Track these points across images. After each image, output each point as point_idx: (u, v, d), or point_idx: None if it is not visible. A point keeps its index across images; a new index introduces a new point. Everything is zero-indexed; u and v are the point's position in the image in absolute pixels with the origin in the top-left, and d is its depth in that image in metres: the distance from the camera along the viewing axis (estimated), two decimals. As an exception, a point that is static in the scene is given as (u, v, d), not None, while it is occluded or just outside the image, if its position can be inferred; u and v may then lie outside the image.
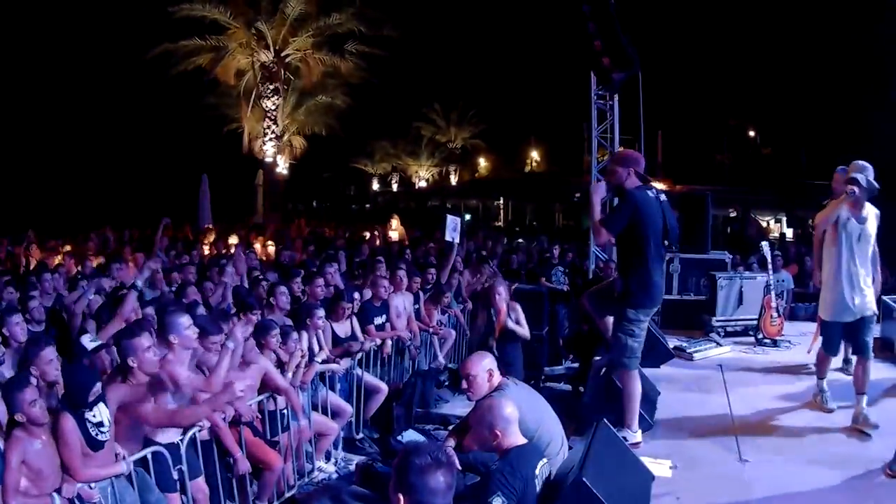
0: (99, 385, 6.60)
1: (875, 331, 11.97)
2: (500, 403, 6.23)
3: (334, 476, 10.12)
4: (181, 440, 7.55)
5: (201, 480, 7.95)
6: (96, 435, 6.47)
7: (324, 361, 10.40)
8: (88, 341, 8.85)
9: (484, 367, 7.07)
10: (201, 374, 8.12)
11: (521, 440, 6.09)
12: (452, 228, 14.98)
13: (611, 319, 9.50)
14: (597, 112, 18.41)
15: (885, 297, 13.76)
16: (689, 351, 13.38)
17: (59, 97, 44.55)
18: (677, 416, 10.10)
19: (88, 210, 38.66)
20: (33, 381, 6.53)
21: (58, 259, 17.18)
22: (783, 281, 15.56)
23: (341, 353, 10.97)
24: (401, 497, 3.91)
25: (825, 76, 36.73)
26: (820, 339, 10.62)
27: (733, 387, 11.02)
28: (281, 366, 9.44)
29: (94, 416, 6.47)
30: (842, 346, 11.93)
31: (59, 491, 6.22)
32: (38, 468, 6.16)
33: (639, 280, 8.63)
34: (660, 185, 9.10)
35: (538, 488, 5.99)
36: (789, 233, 41.30)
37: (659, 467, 8.01)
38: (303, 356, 9.63)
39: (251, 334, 9.22)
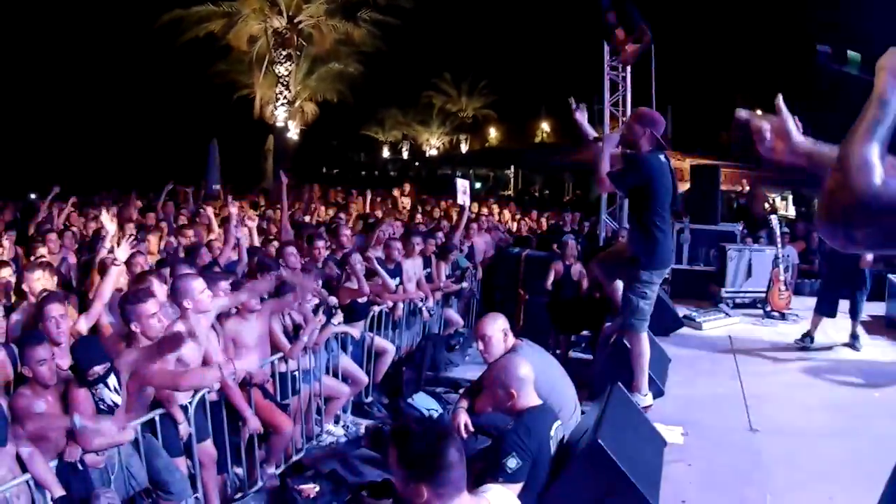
0: (102, 367, 6.51)
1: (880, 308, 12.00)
2: (516, 363, 6.22)
3: (343, 440, 10.11)
4: (190, 402, 7.53)
5: (209, 443, 7.89)
6: (105, 409, 6.43)
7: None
8: None
9: (498, 327, 7.08)
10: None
11: (536, 401, 6.07)
12: (462, 191, 15.06)
13: (620, 284, 9.52)
14: (609, 83, 18.35)
15: (890, 276, 13.79)
16: (698, 320, 13.38)
17: (70, 62, 44.47)
18: (688, 384, 10.11)
19: (99, 173, 38.66)
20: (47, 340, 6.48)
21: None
22: (789, 256, 15.56)
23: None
24: (423, 488, 3.85)
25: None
26: None
27: (742, 357, 11.13)
28: (296, 328, 9.43)
29: (96, 391, 6.43)
30: (849, 322, 11.99)
31: (61, 454, 6.18)
32: (42, 429, 6.12)
33: (652, 242, 8.61)
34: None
35: (553, 450, 6.01)
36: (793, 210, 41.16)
37: (671, 433, 8.02)
38: (319, 319, 9.60)
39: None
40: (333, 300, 10.43)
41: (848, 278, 11.80)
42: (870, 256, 11.31)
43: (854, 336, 11.94)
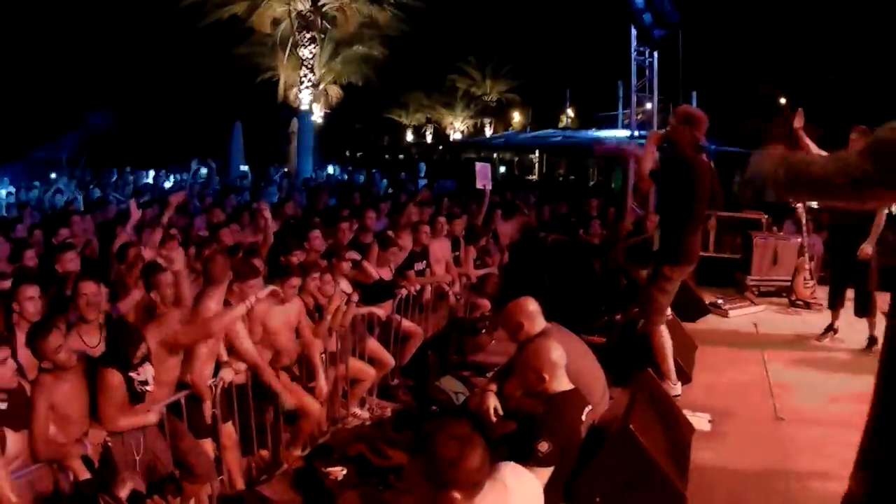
0: (144, 346, 6.56)
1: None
2: (548, 347, 6.21)
3: (368, 423, 10.12)
4: (214, 383, 7.55)
5: (229, 425, 7.94)
6: (141, 392, 6.44)
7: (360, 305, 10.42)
8: None
9: (533, 308, 7.08)
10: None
11: (568, 385, 6.07)
12: (483, 175, 15.01)
13: (644, 273, 9.56)
14: (636, 67, 18.27)
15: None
16: (723, 308, 13.38)
17: (95, 44, 44.55)
18: (714, 371, 10.10)
19: (123, 155, 38.79)
20: (60, 325, 6.47)
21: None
22: (814, 245, 15.50)
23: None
24: (454, 493, 3.83)
25: (857, 45, 36.41)
26: None
27: (768, 345, 11.12)
28: (319, 309, 9.44)
29: (138, 374, 6.42)
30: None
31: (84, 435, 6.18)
32: (66, 413, 6.12)
33: (679, 240, 8.65)
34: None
35: (583, 434, 6.01)
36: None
37: (698, 420, 8.03)
38: (343, 300, 9.61)
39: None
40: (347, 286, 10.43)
41: (851, 270, 11.58)
42: (869, 248, 11.10)
43: (871, 340, 11.22)
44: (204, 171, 22.26)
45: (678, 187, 8.55)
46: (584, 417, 6.00)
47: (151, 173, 30.85)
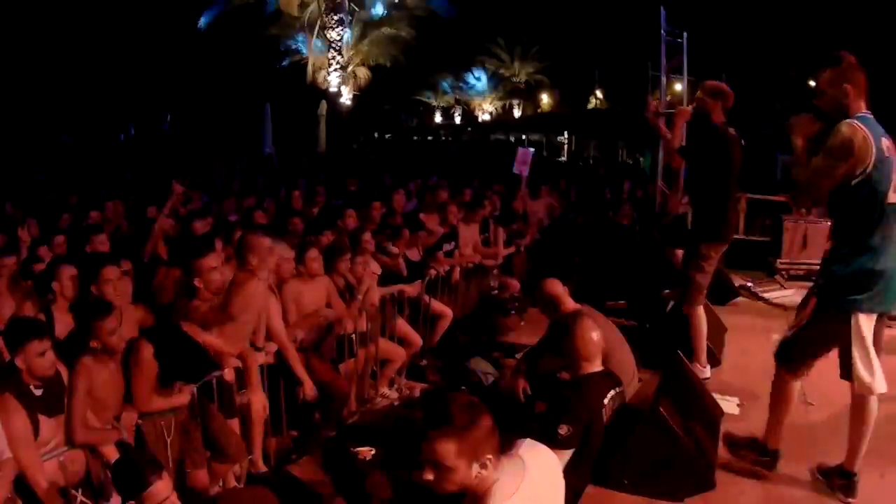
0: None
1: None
2: (586, 327, 6.21)
3: (397, 403, 10.13)
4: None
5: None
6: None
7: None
8: None
9: (560, 290, 7.10)
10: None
11: (597, 367, 6.09)
12: (522, 161, 14.92)
13: (681, 253, 9.54)
14: (665, 48, 18.14)
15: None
16: (753, 291, 13.35)
17: (120, 26, 44.67)
18: (743, 354, 10.07)
19: (155, 136, 38.96)
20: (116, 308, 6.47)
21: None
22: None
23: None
24: (489, 456, 3.85)
25: (882, 27, 36.13)
26: None
27: (797, 329, 11.05)
28: (350, 289, 9.44)
29: None
30: None
31: (117, 418, 6.21)
32: (103, 397, 6.13)
33: (713, 216, 8.63)
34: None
35: (607, 417, 6.02)
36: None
37: (727, 404, 8.02)
38: (373, 280, 9.62)
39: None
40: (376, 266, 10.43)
41: None
42: None
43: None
44: None
45: (710, 161, 8.52)
46: (607, 400, 6.03)
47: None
